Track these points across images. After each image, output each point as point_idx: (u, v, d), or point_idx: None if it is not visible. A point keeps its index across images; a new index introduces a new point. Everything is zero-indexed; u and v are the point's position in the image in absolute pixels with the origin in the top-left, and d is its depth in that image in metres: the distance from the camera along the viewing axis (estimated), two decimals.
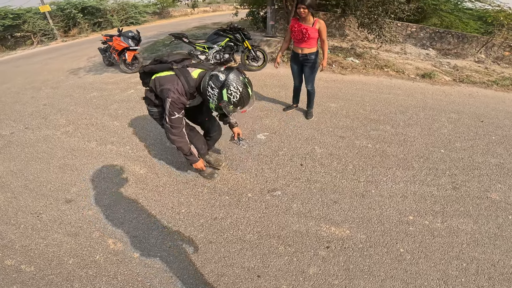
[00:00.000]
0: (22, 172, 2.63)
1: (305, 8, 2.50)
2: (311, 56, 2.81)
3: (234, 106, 1.58)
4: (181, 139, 1.78)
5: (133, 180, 2.38)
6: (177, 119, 1.67)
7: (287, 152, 2.59)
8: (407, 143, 2.79)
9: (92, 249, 1.79)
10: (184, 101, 1.65)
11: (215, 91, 1.55)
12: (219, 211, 2.02)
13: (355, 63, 5.41)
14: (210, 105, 1.66)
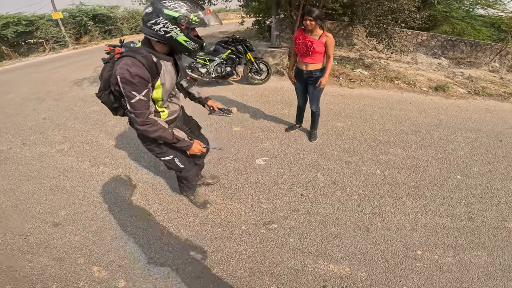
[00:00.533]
0: (14, 191, 2.62)
1: (312, 20, 2.33)
2: (316, 73, 2.64)
3: (192, 12, 1.25)
4: (154, 127, 1.41)
5: (123, 206, 2.32)
6: (138, 101, 1.30)
7: (287, 180, 2.48)
8: (419, 169, 2.63)
9: (77, 275, 1.76)
10: (143, 73, 1.27)
11: (159, 20, 1.23)
12: (210, 243, 1.93)
13: (364, 75, 5.29)
14: (181, 43, 1.31)
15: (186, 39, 1.29)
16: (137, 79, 1.24)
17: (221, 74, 4.45)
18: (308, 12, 2.34)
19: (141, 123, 1.36)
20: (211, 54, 4.40)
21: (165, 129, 1.46)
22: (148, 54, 1.28)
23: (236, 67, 4.52)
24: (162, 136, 1.46)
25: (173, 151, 1.72)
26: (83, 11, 15.19)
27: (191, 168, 1.92)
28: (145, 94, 1.30)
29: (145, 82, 1.28)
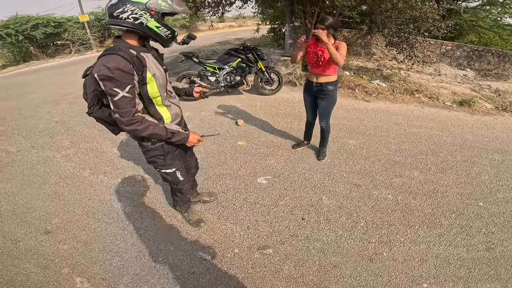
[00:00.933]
0: (15, 195, 2.68)
1: (324, 28, 2.19)
2: (328, 86, 2.47)
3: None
4: (143, 125, 1.32)
5: (116, 218, 2.30)
6: (122, 99, 1.21)
7: (288, 202, 2.35)
8: (437, 194, 2.42)
9: (59, 284, 1.76)
10: (124, 66, 1.18)
11: (127, 8, 1.17)
12: (199, 265, 1.85)
13: (381, 87, 5.08)
14: (153, 29, 1.25)
15: (158, 24, 1.25)
16: (117, 73, 1.16)
17: (230, 83, 4.42)
18: (321, 20, 2.21)
19: (127, 122, 1.26)
20: (221, 62, 4.38)
21: (156, 124, 1.37)
22: (126, 49, 1.22)
23: (246, 76, 4.47)
24: (154, 134, 1.37)
25: (178, 163, 1.70)
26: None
27: (188, 180, 1.88)
28: (129, 90, 1.22)
29: (127, 76, 1.20)
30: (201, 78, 4.39)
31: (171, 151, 1.62)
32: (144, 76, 1.30)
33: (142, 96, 1.36)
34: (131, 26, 1.21)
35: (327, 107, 2.62)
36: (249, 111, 4.19)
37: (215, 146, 3.25)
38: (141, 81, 1.29)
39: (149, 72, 1.31)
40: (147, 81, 1.32)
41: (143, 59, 1.28)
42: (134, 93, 1.26)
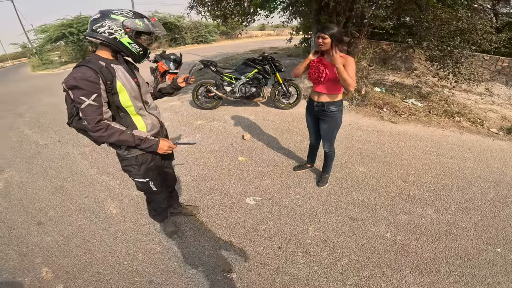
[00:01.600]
0: (28, 186, 3.05)
1: (326, 37, 1.97)
2: (330, 107, 2.26)
3: (139, 18, 1.39)
4: (108, 132, 1.39)
5: (102, 217, 2.48)
6: (88, 107, 1.31)
7: (270, 228, 2.26)
8: (447, 237, 2.14)
9: (27, 271, 1.98)
10: (89, 76, 1.29)
11: (105, 23, 1.32)
12: (159, 275, 1.90)
13: (416, 107, 4.66)
14: (125, 45, 1.39)
15: (130, 41, 1.39)
16: (83, 82, 1.28)
17: (245, 94, 4.45)
18: (323, 28, 2.00)
19: (92, 129, 1.36)
20: (238, 72, 4.45)
21: (122, 131, 1.44)
22: (95, 61, 1.36)
23: (262, 88, 4.46)
24: (121, 140, 1.43)
25: (152, 174, 1.76)
26: (157, 18, 17.59)
27: (161, 191, 1.93)
28: (95, 99, 1.32)
29: (93, 85, 1.30)
30: (218, 87, 4.52)
31: (145, 162, 1.68)
32: (114, 85, 1.40)
33: (115, 105, 1.46)
34: (105, 39, 1.35)
35: (329, 130, 2.41)
36: (261, 124, 4.17)
37: (215, 159, 3.29)
38: (110, 90, 1.40)
39: (119, 82, 1.41)
40: (117, 90, 1.42)
41: (112, 70, 1.40)
42: (100, 102, 1.35)
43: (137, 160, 1.65)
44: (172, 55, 5.42)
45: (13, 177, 3.22)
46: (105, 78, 1.35)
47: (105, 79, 1.35)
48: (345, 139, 3.64)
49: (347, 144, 3.52)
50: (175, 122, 4.48)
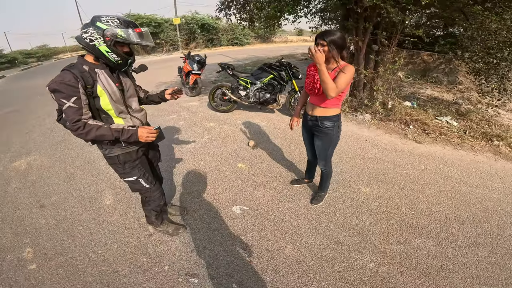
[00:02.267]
0: (44, 170, 3.44)
1: (325, 44, 1.79)
2: (324, 122, 2.09)
3: (123, 27, 1.44)
4: (86, 129, 1.48)
5: (96, 207, 2.67)
6: (69, 108, 1.43)
7: (247, 240, 2.21)
8: (438, 273, 1.90)
9: (12, 249, 2.21)
10: (68, 80, 1.41)
11: (89, 30, 1.43)
12: (125, 268, 2.00)
13: (450, 127, 4.21)
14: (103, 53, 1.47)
15: (108, 50, 1.46)
16: (62, 86, 1.40)
17: (259, 100, 4.45)
18: (322, 33, 1.83)
19: (72, 128, 1.48)
20: (254, 77, 4.47)
21: (99, 126, 1.51)
22: (79, 65, 1.49)
23: (277, 94, 4.42)
24: (99, 135, 1.51)
25: (139, 172, 1.84)
26: (195, 19, 18.51)
27: (157, 188, 2.02)
28: (74, 101, 1.43)
29: (72, 89, 1.42)
30: (233, 91, 4.59)
31: (129, 160, 1.77)
32: (94, 90, 1.51)
33: (95, 107, 1.56)
34: (85, 45, 1.47)
35: (322, 147, 2.24)
36: (270, 132, 4.13)
37: (214, 163, 3.34)
38: (91, 94, 1.51)
39: (99, 86, 1.52)
40: (98, 94, 1.52)
41: (94, 74, 1.50)
42: (80, 104, 1.46)
43: (119, 159, 1.74)
44: (197, 57, 5.65)
45: (35, 161, 3.63)
46: (85, 82, 1.46)
47: (85, 83, 1.46)
48: (356, 156, 3.43)
49: (357, 162, 3.31)
50: (188, 122, 4.66)
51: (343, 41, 1.83)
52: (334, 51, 1.81)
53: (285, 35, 21.06)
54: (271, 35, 20.99)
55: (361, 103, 4.77)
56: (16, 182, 3.15)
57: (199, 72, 5.63)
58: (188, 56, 5.78)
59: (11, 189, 3.01)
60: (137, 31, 1.48)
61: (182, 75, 6.12)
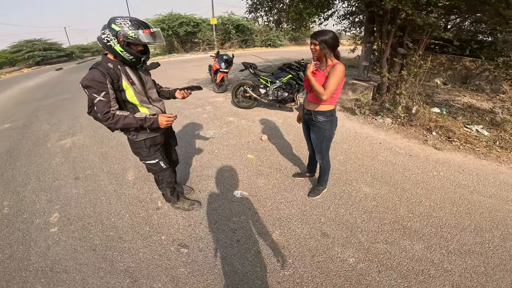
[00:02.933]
0: (84, 148, 3.99)
1: (317, 43, 1.93)
2: (317, 117, 2.20)
3: (134, 29, 1.58)
4: (115, 119, 1.69)
5: (119, 181, 3.05)
6: (99, 102, 1.64)
7: (240, 221, 2.37)
8: (417, 277, 1.84)
9: (42, 213, 2.61)
10: (98, 77, 1.61)
11: (106, 31, 1.59)
12: (129, 234, 2.29)
13: (480, 136, 3.92)
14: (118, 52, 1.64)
15: (122, 49, 1.63)
16: (93, 83, 1.61)
17: (277, 98, 4.57)
18: (314, 34, 1.95)
19: (102, 118, 1.69)
20: (274, 76, 4.61)
21: (125, 116, 1.71)
22: (104, 63, 1.69)
23: (295, 93, 4.50)
24: (126, 123, 1.72)
25: (160, 155, 2.10)
26: (231, 20, 19.10)
27: (169, 168, 2.27)
28: (104, 95, 1.64)
29: (101, 85, 1.62)
30: (253, 89, 4.78)
31: (154, 144, 2.03)
32: (120, 84, 1.71)
33: (122, 99, 1.77)
34: (104, 45, 1.65)
35: (317, 141, 2.34)
36: (284, 129, 4.24)
37: (227, 152, 3.57)
38: (118, 88, 1.71)
39: (124, 81, 1.72)
40: (123, 88, 1.73)
41: (118, 71, 1.70)
42: (108, 98, 1.66)
43: (146, 144, 1.97)
44: (225, 56, 5.97)
45: (79, 140, 4.21)
46: (111, 78, 1.66)
47: (112, 79, 1.66)
48: (365, 157, 3.38)
49: (365, 162, 3.27)
50: (211, 115, 4.97)
51: (334, 41, 1.93)
52: (326, 50, 1.93)
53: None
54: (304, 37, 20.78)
55: (383, 106, 4.63)
56: (59, 157, 3.71)
57: (226, 70, 5.93)
58: (217, 55, 6.12)
59: (54, 163, 3.56)
60: (146, 32, 1.61)
61: (211, 72, 6.50)
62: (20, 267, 2.02)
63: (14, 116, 6.14)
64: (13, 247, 2.21)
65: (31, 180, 3.19)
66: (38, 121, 5.45)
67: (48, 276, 1.93)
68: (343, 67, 1.94)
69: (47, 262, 2.05)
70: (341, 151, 3.55)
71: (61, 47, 27.52)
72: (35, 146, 4.17)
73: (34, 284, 1.88)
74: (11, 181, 3.21)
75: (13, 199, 2.86)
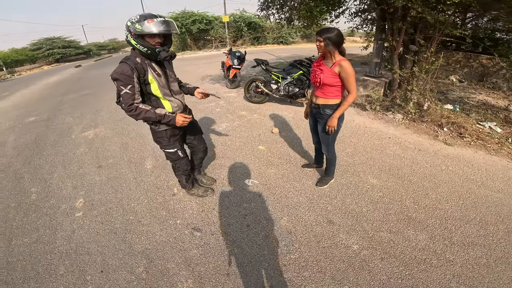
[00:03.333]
0: (106, 139, 4.22)
1: (321, 40, 2.02)
2: (325, 110, 2.28)
3: (140, 21, 1.68)
4: (137, 111, 1.85)
5: (139, 169, 3.25)
6: (125, 94, 1.78)
7: (250, 207, 2.50)
8: (419, 266, 1.89)
9: (67, 199, 2.81)
10: (126, 71, 1.74)
11: (125, 28, 1.76)
12: (148, 219, 2.45)
13: (492, 133, 3.88)
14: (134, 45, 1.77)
15: (135, 43, 1.75)
16: (122, 76, 1.74)
17: (288, 93, 4.66)
18: (319, 31, 2.04)
19: (127, 109, 1.84)
20: (285, 72, 4.70)
21: (147, 110, 1.87)
22: (133, 57, 1.81)
23: (306, 89, 4.58)
24: (147, 117, 1.88)
25: (178, 145, 2.24)
26: (243, 17, 19.16)
27: (185, 156, 2.38)
28: (130, 88, 1.78)
29: (128, 78, 1.75)
30: (265, 84, 4.88)
31: (174, 135, 2.17)
32: (146, 78, 1.85)
33: (147, 92, 1.91)
34: (126, 41, 1.81)
35: (324, 134, 2.41)
36: (294, 123, 4.32)
37: (239, 143, 3.70)
38: (143, 82, 1.86)
39: (150, 75, 1.86)
40: (149, 81, 1.87)
41: (145, 65, 1.84)
42: (134, 91, 1.80)
43: (167, 134, 2.12)
44: (238, 53, 6.09)
45: (101, 132, 4.46)
46: (138, 72, 1.80)
47: (139, 73, 1.80)
48: (374, 150, 3.43)
49: (373, 155, 3.32)
50: (224, 110, 5.12)
51: (339, 38, 2.01)
52: (330, 47, 2.02)
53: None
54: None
55: (394, 102, 4.63)
56: (83, 147, 3.96)
57: (239, 67, 6.06)
58: (230, 51, 6.26)
59: (79, 152, 3.81)
60: (150, 22, 1.68)
61: (224, 69, 6.66)
62: (46, 250, 2.17)
63: (39, 110, 6.50)
64: (40, 231, 2.38)
65: (57, 168, 3.44)
66: (62, 115, 5.77)
67: (72, 258, 2.08)
68: (349, 62, 2.04)
69: (71, 245, 2.21)
70: (350, 144, 3.61)
71: (79, 45, 28.34)
72: (60, 137, 4.44)
73: (58, 266, 2.01)
74: (38, 170, 3.46)
75: (40, 186, 3.09)
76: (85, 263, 2.04)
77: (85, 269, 1.99)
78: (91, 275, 1.93)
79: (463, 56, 6.84)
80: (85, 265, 2.02)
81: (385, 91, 5.05)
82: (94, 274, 1.94)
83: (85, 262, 2.04)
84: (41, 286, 1.87)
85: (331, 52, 2.05)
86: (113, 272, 1.94)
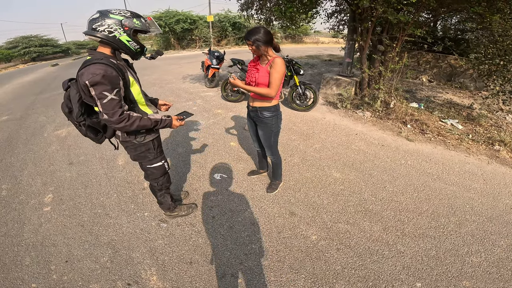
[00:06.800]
0: (81, 136, 4.08)
1: (251, 44, 1.92)
2: (263, 113, 2.17)
3: (136, 17, 1.49)
4: (130, 120, 1.50)
5: (111, 166, 3.26)
6: (111, 101, 1.40)
7: (217, 200, 2.61)
8: (371, 257, 2.01)
9: (38, 194, 2.82)
10: (110, 73, 1.39)
11: (104, 22, 1.41)
12: (115, 212, 2.50)
13: (453, 129, 4.15)
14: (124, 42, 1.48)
15: (129, 39, 1.49)
16: (105, 78, 1.36)
17: None
18: (246, 34, 1.95)
19: (117, 121, 1.44)
20: None
21: (141, 117, 1.56)
22: (106, 59, 1.43)
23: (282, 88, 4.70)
24: (141, 125, 1.56)
25: (163, 155, 1.98)
26: (228, 17, 19.16)
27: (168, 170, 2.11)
28: (116, 93, 1.42)
29: (114, 81, 1.40)
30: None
31: (159, 144, 1.92)
32: (127, 80, 1.54)
33: (129, 97, 1.60)
34: (105, 38, 1.43)
35: (264, 136, 2.33)
36: None
37: (212, 140, 3.80)
38: (125, 84, 1.52)
39: (130, 76, 1.56)
40: (131, 84, 1.57)
41: (122, 67, 1.53)
42: (120, 96, 1.46)
43: (154, 144, 1.84)
44: (216, 52, 6.17)
45: (74, 130, 4.37)
46: (121, 74, 1.46)
47: (121, 75, 1.47)
48: (340, 146, 3.61)
49: (339, 151, 3.50)
50: (200, 108, 5.19)
51: (267, 36, 1.91)
52: (262, 47, 1.92)
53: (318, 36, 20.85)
54: (303, 35, 20.90)
55: (363, 101, 4.85)
56: (55, 145, 3.92)
57: (218, 66, 6.13)
58: (209, 51, 6.32)
59: (50, 150, 3.76)
60: (148, 20, 1.56)
61: (204, 68, 6.71)
62: (13, 242, 2.19)
63: (12, 109, 6.31)
64: (9, 225, 2.39)
65: (28, 166, 3.39)
66: (35, 114, 5.63)
67: (38, 249, 2.11)
68: (282, 60, 1.97)
69: (38, 237, 2.24)
70: (318, 140, 3.77)
71: (57, 43, 27.36)
72: (32, 135, 4.36)
73: (24, 257, 2.03)
74: (9, 167, 3.40)
75: (11, 182, 3.05)
76: (51, 254, 2.07)
77: (50, 259, 2.02)
78: (55, 265, 1.97)
79: (433, 57, 7.19)
80: (50, 256, 2.05)
81: (356, 90, 5.26)
82: (58, 264, 1.98)
83: (51, 253, 2.08)
84: (7, 276, 1.90)
85: (265, 52, 1.96)
86: (78, 262, 1.99)
